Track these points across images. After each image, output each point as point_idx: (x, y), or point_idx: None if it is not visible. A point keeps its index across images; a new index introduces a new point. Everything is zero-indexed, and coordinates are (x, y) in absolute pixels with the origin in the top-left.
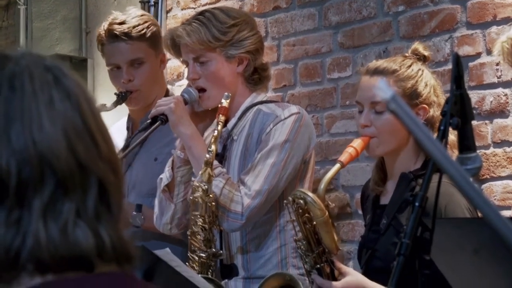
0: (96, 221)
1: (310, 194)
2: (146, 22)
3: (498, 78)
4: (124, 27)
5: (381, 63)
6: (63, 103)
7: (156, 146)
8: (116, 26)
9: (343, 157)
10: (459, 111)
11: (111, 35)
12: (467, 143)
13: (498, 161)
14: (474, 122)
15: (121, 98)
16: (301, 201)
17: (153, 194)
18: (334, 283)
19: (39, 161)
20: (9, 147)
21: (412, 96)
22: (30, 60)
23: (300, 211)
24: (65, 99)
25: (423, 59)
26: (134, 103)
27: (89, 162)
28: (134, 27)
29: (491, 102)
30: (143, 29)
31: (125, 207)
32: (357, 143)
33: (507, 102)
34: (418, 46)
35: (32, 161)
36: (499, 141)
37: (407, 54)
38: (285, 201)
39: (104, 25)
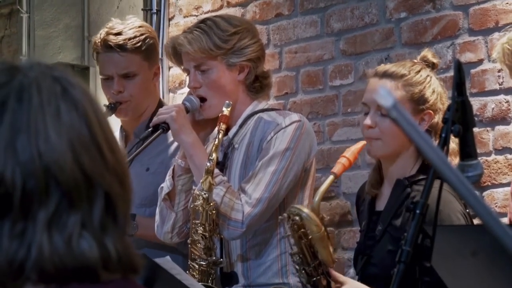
0: (101, 232)
1: (305, 209)
2: (143, 34)
3: (500, 85)
4: (119, 39)
5: (390, 66)
6: (70, 114)
7: (148, 156)
8: (111, 37)
9: (336, 168)
10: (461, 118)
11: (105, 45)
12: (468, 150)
13: (499, 168)
14: (475, 129)
15: (111, 109)
16: (297, 218)
17: (146, 204)
18: None
19: (44, 173)
20: (15, 158)
21: (419, 102)
22: (38, 71)
23: (296, 227)
24: (72, 110)
25: (431, 66)
26: (123, 114)
27: (95, 174)
28: (129, 39)
29: (493, 109)
30: (138, 42)
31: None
32: (350, 152)
33: (509, 109)
34: (427, 53)
35: (37, 173)
36: (500, 148)
37: (415, 60)
38: (280, 217)
39: (101, 34)
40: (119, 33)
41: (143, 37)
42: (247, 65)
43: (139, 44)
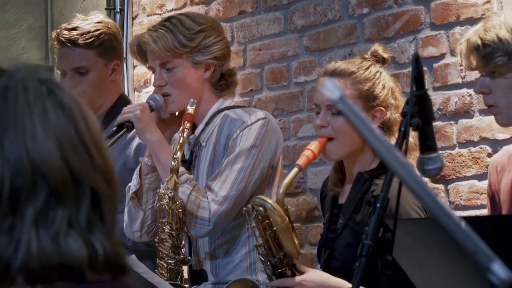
0: (88, 230)
1: (269, 201)
2: (98, 30)
3: (462, 78)
4: (73, 34)
5: (339, 64)
6: (57, 114)
7: None
8: (65, 32)
9: (301, 161)
10: (420, 112)
11: (59, 40)
12: (428, 144)
13: (463, 161)
14: (439, 123)
15: None
16: (261, 208)
17: None
18: (295, 278)
19: (32, 170)
20: (2, 156)
21: (369, 98)
22: (24, 73)
23: (260, 217)
24: (58, 110)
25: (382, 61)
26: None
27: (83, 172)
28: (82, 34)
29: (456, 102)
30: (91, 37)
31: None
32: (314, 145)
33: (472, 103)
34: (377, 48)
35: (25, 171)
36: (464, 141)
37: (366, 56)
38: (244, 208)
39: (58, 29)
40: (73, 28)
41: (97, 32)
42: (213, 63)
43: (91, 40)
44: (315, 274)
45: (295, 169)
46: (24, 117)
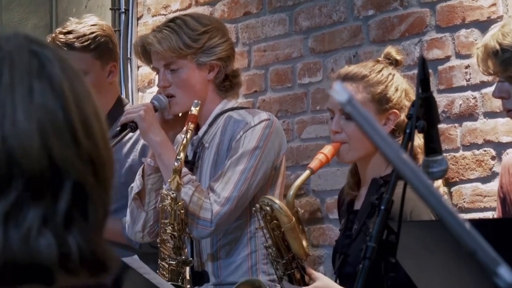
0: (64, 228)
1: (277, 201)
2: (93, 32)
3: (467, 81)
4: (69, 37)
5: (352, 68)
6: (44, 94)
7: None
8: (60, 36)
9: (313, 164)
10: (425, 114)
11: (55, 44)
12: (433, 146)
13: (467, 164)
14: (443, 125)
15: None
16: (268, 208)
17: None
18: None
19: (7, 160)
20: None
21: (382, 101)
22: (15, 44)
23: (268, 217)
24: (47, 90)
25: (395, 63)
26: None
27: (65, 162)
28: (78, 37)
29: (460, 105)
30: (87, 40)
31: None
32: (328, 149)
33: (476, 105)
34: (390, 50)
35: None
36: (468, 144)
37: (379, 59)
38: (253, 208)
39: (53, 33)
40: (69, 32)
41: (93, 35)
42: (217, 64)
43: (87, 43)
44: (322, 284)
45: (307, 172)
46: (5, 99)
